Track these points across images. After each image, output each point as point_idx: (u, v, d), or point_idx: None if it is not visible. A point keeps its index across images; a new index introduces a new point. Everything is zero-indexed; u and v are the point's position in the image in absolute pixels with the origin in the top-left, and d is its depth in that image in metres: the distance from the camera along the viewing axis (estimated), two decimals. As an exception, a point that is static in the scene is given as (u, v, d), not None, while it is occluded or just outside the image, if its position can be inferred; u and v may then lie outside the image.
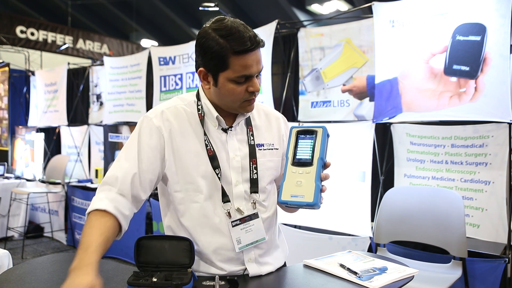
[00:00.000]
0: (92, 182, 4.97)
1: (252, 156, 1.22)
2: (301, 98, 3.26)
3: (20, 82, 6.21)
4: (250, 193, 1.21)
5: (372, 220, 2.77)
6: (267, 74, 3.29)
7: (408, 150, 2.83)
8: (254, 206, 1.21)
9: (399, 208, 2.40)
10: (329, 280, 1.15)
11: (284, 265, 1.33)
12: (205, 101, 1.21)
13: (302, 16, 10.50)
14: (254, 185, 1.21)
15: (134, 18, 12.26)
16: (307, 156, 1.06)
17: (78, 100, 5.41)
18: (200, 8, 4.24)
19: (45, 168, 5.37)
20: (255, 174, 1.21)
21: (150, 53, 4.29)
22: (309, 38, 3.18)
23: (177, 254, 1.12)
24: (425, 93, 2.47)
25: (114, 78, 4.73)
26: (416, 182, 2.76)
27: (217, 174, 1.17)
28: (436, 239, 2.26)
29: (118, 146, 4.67)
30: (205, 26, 1.14)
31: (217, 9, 4.01)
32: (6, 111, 6.08)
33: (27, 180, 5.45)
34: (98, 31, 11.85)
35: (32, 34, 8.45)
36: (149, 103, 4.38)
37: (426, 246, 2.41)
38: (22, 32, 8.30)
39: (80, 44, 9.39)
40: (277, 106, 3.34)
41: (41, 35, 8.60)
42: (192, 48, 3.86)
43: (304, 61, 3.23)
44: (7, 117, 6.07)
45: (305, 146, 1.07)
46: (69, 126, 5.35)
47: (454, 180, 2.58)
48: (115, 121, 4.71)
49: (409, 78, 2.54)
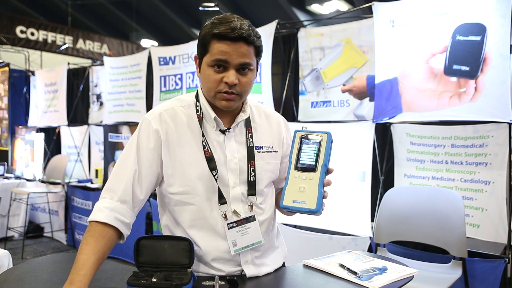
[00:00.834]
0: (92, 182, 4.97)
1: (250, 158, 1.21)
2: (301, 98, 3.26)
3: (20, 82, 6.20)
4: (247, 195, 1.20)
5: (372, 220, 2.77)
6: (267, 74, 3.29)
7: (408, 150, 2.82)
8: (251, 209, 1.21)
9: (399, 208, 2.40)
10: (329, 280, 1.15)
11: (283, 265, 1.33)
12: (203, 101, 1.20)
13: (302, 16, 10.50)
14: (251, 187, 1.20)
15: (134, 18, 12.26)
16: (311, 161, 1.05)
17: (78, 100, 5.41)
18: (200, 8, 4.23)
19: (45, 168, 5.37)
20: (253, 177, 1.20)
21: (150, 53, 4.28)
22: (309, 38, 3.18)
23: (176, 254, 1.12)
24: (425, 93, 2.47)
25: (114, 78, 4.73)
26: (416, 182, 2.76)
27: (214, 176, 1.16)
28: (436, 239, 2.26)
29: (118, 146, 4.67)
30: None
31: (217, 9, 4.00)
32: (6, 111, 6.08)
33: (27, 180, 5.45)
34: (98, 31, 11.85)
35: (32, 34, 8.45)
36: (149, 103, 4.38)
37: (426, 246, 2.41)
38: (22, 32, 8.30)
39: (80, 44, 9.39)
40: (277, 106, 3.34)
41: (41, 35, 8.60)
42: (192, 48, 3.85)
43: (304, 61, 3.23)
44: (7, 117, 6.06)
45: (309, 151, 1.06)
46: (69, 126, 5.34)
47: (454, 180, 2.58)
48: (115, 121, 4.71)
49: (409, 78, 2.54)
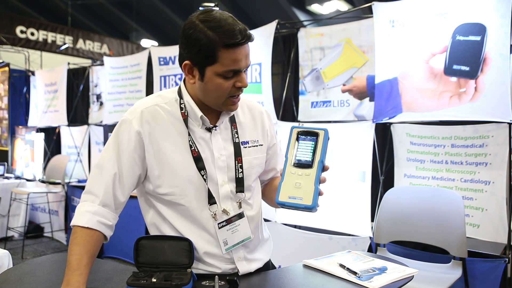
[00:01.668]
0: (92, 182, 4.95)
1: (237, 154, 1.20)
2: (301, 98, 3.26)
3: (20, 82, 6.20)
4: (236, 192, 1.20)
5: (372, 220, 2.77)
6: (267, 74, 3.29)
7: (408, 150, 2.82)
8: (240, 206, 1.21)
9: (399, 208, 2.40)
10: (328, 280, 1.15)
11: (270, 262, 1.34)
12: (187, 99, 1.17)
13: (302, 16, 10.49)
14: (239, 184, 1.20)
15: (134, 18, 12.25)
16: (308, 158, 1.04)
17: (78, 100, 5.41)
18: (200, 8, 4.23)
19: (45, 168, 5.37)
20: (241, 173, 1.20)
21: (150, 53, 4.28)
22: (309, 38, 3.18)
23: (176, 254, 1.12)
24: (425, 93, 2.47)
25: (114, 78, 4.73)
26: (416, 182, 2.76)
27: (202, 176, 1.15)
28: (436, 239, 2.25)
29: (118, 146, 4.67)
30: (191, 16, 1.09)
31: (217, 9, 4.00)
32: (6, 111, 6.08)
33: (27, 180, 5.44)
34: (98, 31, 11.85)
35: (32, 34, 8.45)
36: (149, 103, 4.37)
37: (426, 246, 2.40)
38: (22, 32, 8.31)
39: (80, 44, 9.40)
40: (277, 106, 3.34)
41: (41, 35, 8.60)
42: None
43: (304, 61, 3.23)
44: (7, 117, 6.06)
45: (306, 147, 1.06)
46: (69, 126, 5.34)
47: (454, 180, 2.58)
48: (115, 121, 4.71)
49: (409, 78, 2.54)
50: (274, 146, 1.34)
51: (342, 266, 1.22)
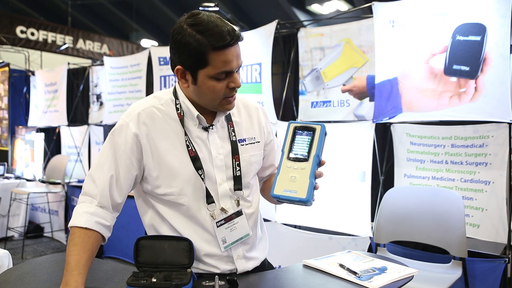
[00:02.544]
0: (92, 182, 4.95)
1: (234, 153, 1.21)
2: (301, 98, 3.26)
3: (20, 82, 6.20)
4: (234, 190, 1.20)
5: (372, 220, 2.77)
6: (267, 74, 3.29)
7: (408, 150, 2.82)
8: (238, 204, 1.21)
9: (399, 208, 2.40)
10: (328, 280, 1.15)
11: (266, 261, 1.35)
12: (183, 99, 1.17)
13: (302, 16, 10.49)
14: (237, 182, 1.20)
15: (134, 18, 12.25)
16: (304, 152, 1.05)
17: (78, 100, 5.41)
18: (200, 8, 4.23)
19: (45, 168, 5.37)
20: (238, 171, 1.20)
21: (150, 53, 4.29)
22: (309, 38, 3.18)
23: (176, 254, 1.12)
24: (425, 93, 2.47)
25: (114, 78, 4.73)
26: (416, 182, 2.76)
27: (200, 175, 1.15)
28: (436, 239, 2.26)
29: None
30: (179, 21, 1.09)
31: (217, 9, 4.00)
32: (6, 111, 6.08)
33: (27, 180, 5.44)
34: (98, 31, 11.85)
35: (32, 34, 8.45)
36: (149, 103, 4.37)
37: (426, 246, 2.40)
38: (22, 32, 8.30)
39: (80, 44, 9.39)
40: (277, 106, 3.33)
41: (41, 35, 8.60)
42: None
43: (304, 61, 3.23)
44: (7, 117, 6.06)
45: (302, 142, 1.06)
46: (69, 126, 5.34)
47: (454, 180, 2.58)
48: (115, 121, 4.66)
49: (409, 78, 2.54)
50: (271, 143, 1.35)
51: (342, 266, 1.22)
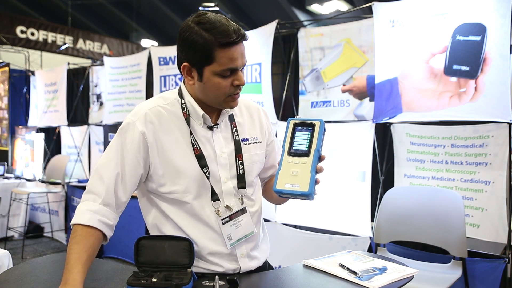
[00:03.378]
0: (92, 182, 4.95)
1: (237, 151, 1.23)
2: (301, 98, 3.26)
3: (20, 82, 6.20)
4: (238, 188, 1.22)
5: (372, 220, 2.77)
6: (267, 74, 3.29)
7: (408, 150, 2.82)
8: (242, 202, 1.23)
9: (399, 208, 2.40)
10: (329, 280, 1.15)
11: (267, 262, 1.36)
12: (189, 99, 1.20)
13: (302, 16, 10.49)
14: (241, 180, 1.23)
15: (134, 18, 12.26)
16: (304, 147, 1.06)
17: (78, 100, 5.41)
18: (200, 8, 4.23)
19: (45, 168, 5.37)
20: (242, 170, 1.23)
21: (150, 53, 4.29)
22: (309, 38, 3.18)
23: (176, 254, 1.12)
24: (425, 93, 2.47)
25: (114, 78, 4.73)
26: (416, 182, 2.76)
27: (205, 173, 1.17)
28: (436, 239, 2.26)
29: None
30: (186, 20, 1.13)
31: (217, 9, 4.00)
32: (6, 111, 6.08)
33: (27, 180, 5.44)
34: (98, 31, 11.84)
35: (32, 34, 8.45)
36: (149, 103, 4.37)
37: (426, 246, 2.41)
38: (22, 32, 8.30)
39: (80, 44, 9.39)
40: (277, 106, 3.33)
41: (41, 35, 8.59)
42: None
43: (304, 61, 3.23)
44: (7, 117, 6.06)
45: (302, 137, 1.08)
46: (69, 126, 5.34)
47: (454, 180, 2.58)
48: (115, 121, 4.71)
49: (409, 78, 2.54)
50: (272, 143, 1.38)
51: (342, 266, 1.22)
